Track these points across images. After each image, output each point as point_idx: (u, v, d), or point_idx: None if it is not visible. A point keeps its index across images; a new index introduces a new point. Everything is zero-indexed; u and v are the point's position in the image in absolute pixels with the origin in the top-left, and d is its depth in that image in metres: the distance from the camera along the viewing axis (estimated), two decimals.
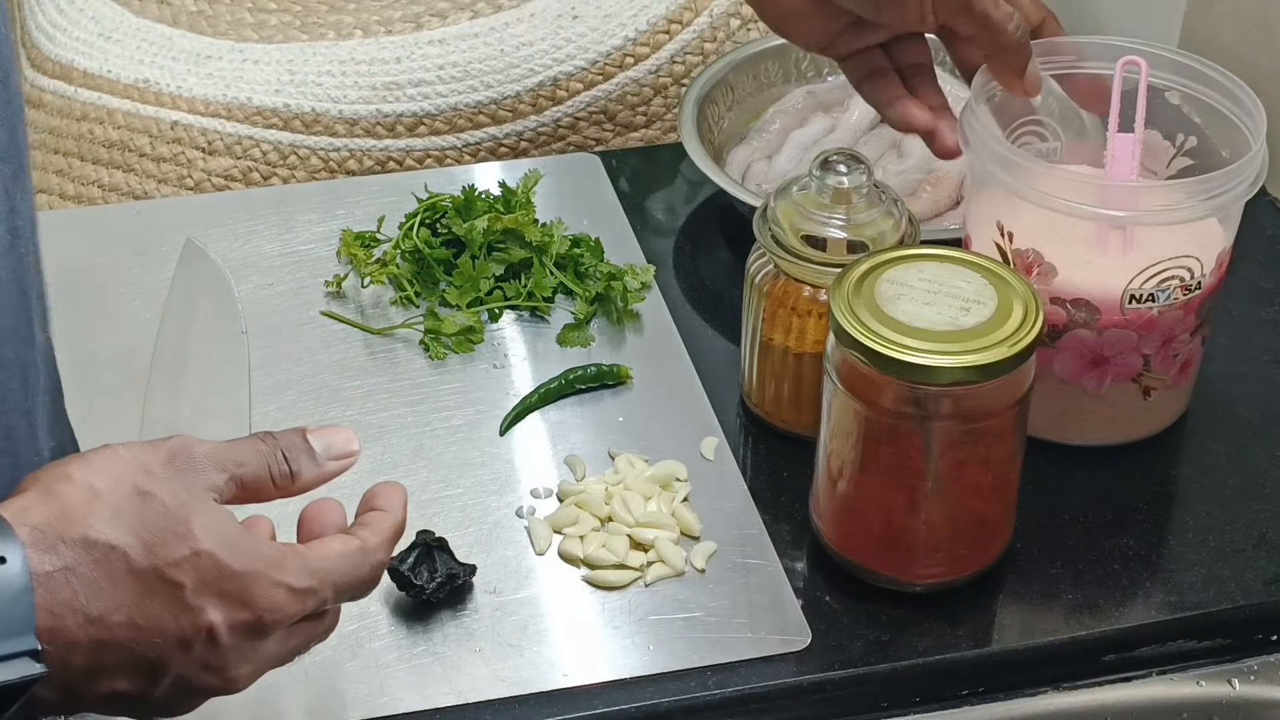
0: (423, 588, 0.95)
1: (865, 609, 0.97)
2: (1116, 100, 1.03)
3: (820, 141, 1.28)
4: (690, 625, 0.96)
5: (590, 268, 1.18)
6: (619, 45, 1.40)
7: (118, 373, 1.11)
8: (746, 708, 0.93)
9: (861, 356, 0.91)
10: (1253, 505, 1.04)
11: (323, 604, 0.79)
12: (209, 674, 0.76)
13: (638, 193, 1.27)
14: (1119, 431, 1.06)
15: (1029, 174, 0.99)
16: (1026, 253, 1.01)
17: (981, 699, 0.96)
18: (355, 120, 1.37)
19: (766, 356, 1.06)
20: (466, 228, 1.17)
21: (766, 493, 1.04)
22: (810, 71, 1.35)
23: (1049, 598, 0.98)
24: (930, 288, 0.93)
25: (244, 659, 0.77)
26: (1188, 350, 1.04)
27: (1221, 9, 1.30)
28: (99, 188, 1.37)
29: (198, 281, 1.16)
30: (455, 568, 0.96)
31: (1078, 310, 1.01)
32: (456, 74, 1.38)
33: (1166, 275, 0.99)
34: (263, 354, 1.13)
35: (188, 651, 0.74)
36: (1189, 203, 0.98)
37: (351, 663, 0.94)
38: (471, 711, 0.92)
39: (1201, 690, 0.98)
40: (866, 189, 1.01)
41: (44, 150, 1.39)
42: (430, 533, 0.97)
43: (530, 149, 1.40)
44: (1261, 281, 1.19)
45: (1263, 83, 1.08)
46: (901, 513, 0.95)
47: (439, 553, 0.96)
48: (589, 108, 1.40)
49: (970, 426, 0.92)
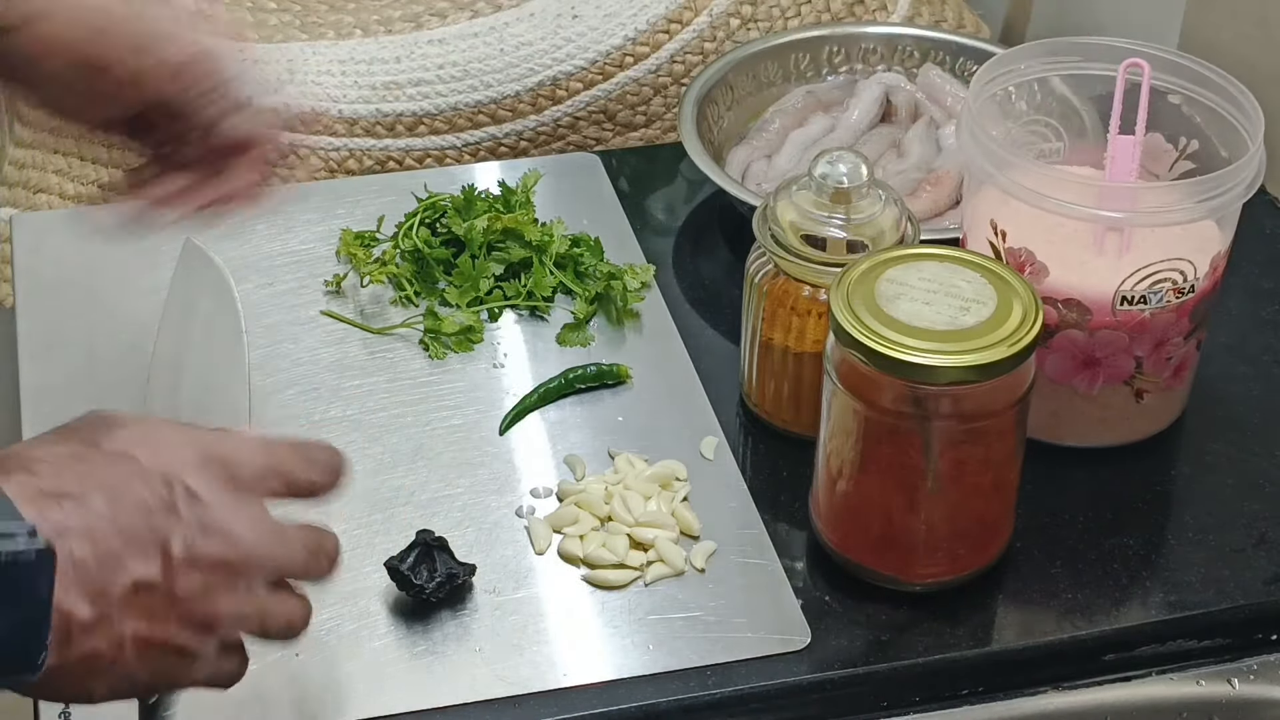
0: (422, 587, 0.95)
1: (865, 608, 0.97)
2: (1118, 102, 1.03)
3: (820, 141, 1.28)
4: (690, 625, 0.96)
5: (590, 267, 1.18)
6: (619, 45, 1.40)
7: (118, 372, 1.11)
8: (746, 707, 0.93)
9: (861, 356, 0.91)
10: (1252, 505, 1.04)
11: (281, 465, 0.81)
12: (213, 538, 0.76)
13: (637, 192, 1.27)
14: (1111, 433, 1.06)
15: (1023, 174, 0.99)
16: (1019, 251, 1.01)
17: (981, 698, 0.96)
18: (355, 120, 1.37)
19: (766, 356, 1.06)
20: (466, 227, 1.17)
21: (766, 492, 1.04)
22: (810, 71, 1.35)
23: (1049, 597, 0.98)
24: (930, 287, 0.93)
25: (237, 514, 0.77)
26: (1181, 354, 1.04)
27: (1221, 9, 1.30)
28: (99, 187, 1.37)
29: (198, 281, 1.16)
30: (455, 567, 0.96)
31: (1069, 310, 1.01)
32: (456, 73, 1.38)
33: (1159, 278, 0.99)
34: (263, 354, 1.13)
35: (176, 514, 0.75)
36: (1185, 204, 0.98)
37: (351, 663, 0.94)
38: (471, 711, 0.92)
39: (1201, 690, 0.98)
40: (866, 188, 1.01)
41: (44, 150, 1.39)
42: (430, 532, 0.97)
43: (530, 148, 1.40)
44: (1261, 281, 1.19)
45: (1262, 83, 1.08)
46: (901, 512, 0.95)
47: (439, 552, 0.96)
48: (589, 107, 1.40)
49: (970, 426, 0.92)
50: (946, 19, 1.47)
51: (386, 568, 0.96)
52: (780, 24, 1.43)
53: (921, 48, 1.35)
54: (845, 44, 1.36)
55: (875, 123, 1.31)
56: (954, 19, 1.48)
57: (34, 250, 1.22)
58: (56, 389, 1.10)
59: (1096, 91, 1.06)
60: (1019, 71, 1.07)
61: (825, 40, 1.36)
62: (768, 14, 1.43)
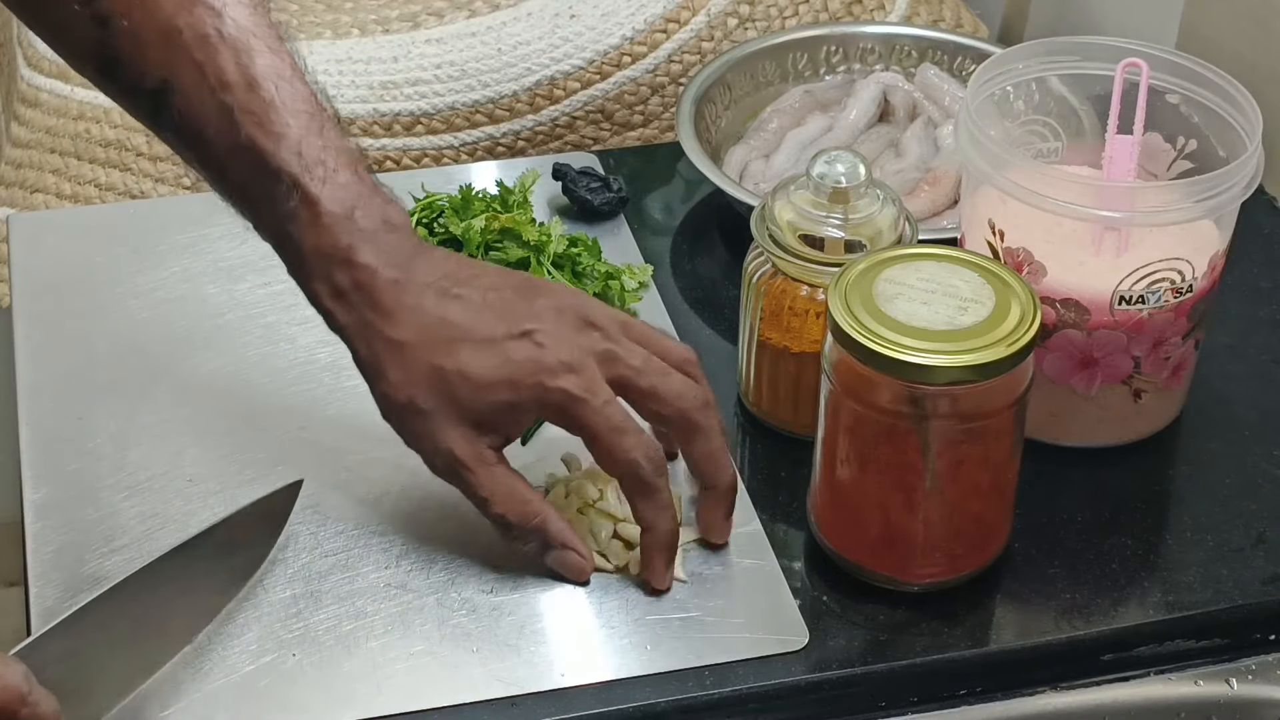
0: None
1: (863, 609, 0.97)
2: (1116, 102, 1.03)
3: (818, 140, 1.28)
4: (688, 625, 0.96)
5: (588, 267, 1.17)
6: (616, 44, 1.40)
7: (115, 372, 1.11)
8: (744, 708, 0.93)
9: (859, 356, 0.91)
10: (1250, 504, 1.04)
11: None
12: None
13: (635, 192, 1.27)
14: (1109, 434, 1.06)
15: (1021, 173, 0.99)
16: (1017, 251, 1.01)
17: (979, 699, 0.96)
18: (352, 119, 1.37)
19: (764, 356, 1.06)
20: (464, 227, 1.17)
21: (764, 492, 1.04)
22: (808, 71, 1.35)
23: (1047, 597, 0.98)
24: (928, 287, 0.93)
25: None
26: (1179, 354, 1.04)
27: (1219, 9, 1.30)
28: (96, 187, 1.37)
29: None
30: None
31: (1067, 310, 1.01)
32: (454, 73, 1.38)
33: (1157, 277, 0.99)
34: (261, 354, 1.12)
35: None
36: (1183, 204, 0.98)
37: (349, 663, 0.94)
38: (469, 711, 0.92)
39: (1199, 690, 0.98)
40: (864, 188, 1.01)
41: (40, 150, 1.39)
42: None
43: (527, 148, 1.40)
44: (1260, 281, 1.19)
45: (1260, 82, 1.08)
46: (899, 512, 0.95)
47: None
48: (586, 107, 1.40)
49: (968, 426, 0.92)
50: (944, 18, 1.47)
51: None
52: (778, 23, 1.43)
53: (919, 47, 1.35)
54: (843, 43, 1.36)
55: (873, 122, 1.31)
56: (952, 18, 1.48)
57: (31, 250, 1.22)
58: (53, 389, 1.10)
59: (1094, 91, 1.06)
60: (1017, 71, 1.07)
61: (823, 40, 1.36)
62: (765, 13, 1.43)
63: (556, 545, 0.96)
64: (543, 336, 0.94)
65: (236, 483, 1.03)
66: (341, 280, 0.94)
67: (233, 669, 0.93)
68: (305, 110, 0.94)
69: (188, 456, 1.05)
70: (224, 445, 1.06)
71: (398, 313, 0.93)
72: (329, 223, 0.93)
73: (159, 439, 1.06)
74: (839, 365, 0.93)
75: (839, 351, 0.93)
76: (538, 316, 0.95)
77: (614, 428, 0.94)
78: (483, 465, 0.95)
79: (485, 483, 0.95)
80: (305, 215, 0.93)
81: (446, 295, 0.94)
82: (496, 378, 0.93)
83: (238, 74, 0.92)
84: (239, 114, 0.92)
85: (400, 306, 0.93)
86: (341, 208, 0.93)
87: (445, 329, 0.94)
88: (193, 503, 1.02)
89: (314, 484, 1.02)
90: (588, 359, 0.94)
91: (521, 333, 0.94)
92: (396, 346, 0.93)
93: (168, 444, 1.06)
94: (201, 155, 0.95)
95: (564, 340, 0.94)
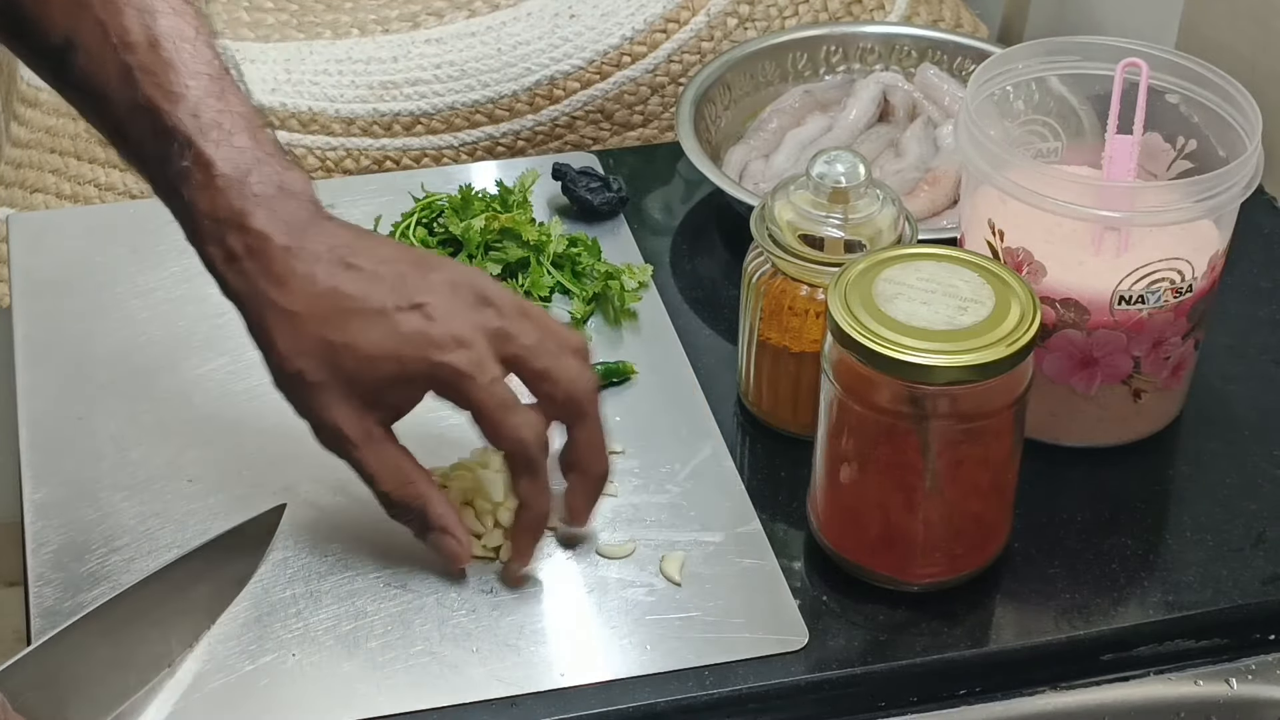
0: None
1: (863, 609, 0.97)
2: (1116, 102, 1.03)
3: (817, 140, 1.28)
4: (687, 625, 0.96)
5: (587, 267, 1.18)
6: (616, 44, 1.40)
7: (114, 372, 1.11)
8: (744, 708, 0.93)
9: (859, 356, 0.91)
10: (1250, 504, 1.04)
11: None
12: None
13: (635, 192, 1.27)
14: (1109, 433, 1.06)
15: (1021, 173, 0.99)
16: (1016, 251, 1.01)
17: (979, 699, 0.96)
18: (352, 119, 1.37)
19: (764, 356, 1.06)
20: (464, 227, 1.17)
21: (764, 492, 1.04)
22: (807, 71, 1.35)
23: (1046, 597, 0.98)
24: (928, 287, 0.93)
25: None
26: (1179, 354, 1.04)
27: (1219, 8, 1.30)
28: (95, 187, 1.37)
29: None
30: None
31: (1067, 310, 1.01)
32: (453, 73, 1.38)
33: (1156, 277, 0.99)
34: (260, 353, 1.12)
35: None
36: (1183, 204, 0.98)
37: (348, 663, 0.94)
38: (468, 711, 0.92)
39: (1199, 690, 0.98)
40: (864, 188, 1.01)
41: (40, 149, 1.39)
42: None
43: (527, 148, 1.40)
44: (1260, 281, 1.19)
45: (1260, 81, 1.09)
46: (899, 512, 0.95)
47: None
48: (586, 107, 1.40)
49: (968, 426, 0.92)
50: (944, 18, 1.47)
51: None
52: (778, 23, 1.43)
53: (919, 47, 1.35)
54: (843, 43, 1.36)
55: (873, 122, 1.31)
56: (951, 18, 1.48)
57: (30, 250, 1.22)
58: (52, 389, 1.10)
59: (1094, 91, 1.06)
60: (1017, 71, 1.07)
61: (823, 40, 1.36)
62: (765, 13, 1.43)
63: (435, 528, 0.96)
64: (434, 310, 0.92)
65: (236, 483, 1.03)
66: (234, 245, 0.92)
67: (233, 669, 0.93)
68: (206, 73, 0.93)
69: (188, 456, 1.05)
70: (224, 445, 1.06)
71: (289, 281, 0.92)
72: (222, 185, 0.92)
73: (159, 439, 1.06)
74: (839, 365, 0.93)
75: (839, 351, 0.93)
76: (431, 290, 0.93)
77: (501, 404, 0.93)
78: (369, 442, 0.94)
79: (370, 460, 0.94)
80: (199, 177, 0.92)
81: (340, 265, 0.93)
82: (383, 350, 0.92)
83: (140, 33, 0.91)
84: (138, 73, 0.91)
85: (292, 274, 0.92)
86: (236, 171, 0.92)
87: (336, 299, 0.92)
88: (193, 503, 1.02)
89: (314, 484, 1.02)
90: (478, 335, 0.93)
91: (412, 305, 0.92)
92: (287, 316, 0.92)
93: (168, 444, 1.06)
94: (102, 114, 0.94)
95: (455, 315, 0.93)
